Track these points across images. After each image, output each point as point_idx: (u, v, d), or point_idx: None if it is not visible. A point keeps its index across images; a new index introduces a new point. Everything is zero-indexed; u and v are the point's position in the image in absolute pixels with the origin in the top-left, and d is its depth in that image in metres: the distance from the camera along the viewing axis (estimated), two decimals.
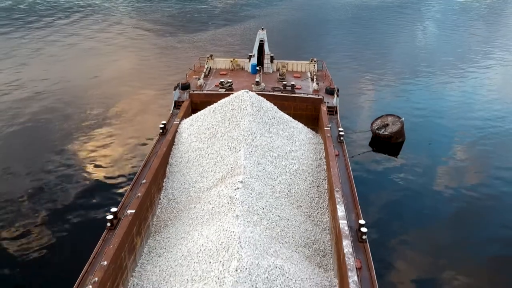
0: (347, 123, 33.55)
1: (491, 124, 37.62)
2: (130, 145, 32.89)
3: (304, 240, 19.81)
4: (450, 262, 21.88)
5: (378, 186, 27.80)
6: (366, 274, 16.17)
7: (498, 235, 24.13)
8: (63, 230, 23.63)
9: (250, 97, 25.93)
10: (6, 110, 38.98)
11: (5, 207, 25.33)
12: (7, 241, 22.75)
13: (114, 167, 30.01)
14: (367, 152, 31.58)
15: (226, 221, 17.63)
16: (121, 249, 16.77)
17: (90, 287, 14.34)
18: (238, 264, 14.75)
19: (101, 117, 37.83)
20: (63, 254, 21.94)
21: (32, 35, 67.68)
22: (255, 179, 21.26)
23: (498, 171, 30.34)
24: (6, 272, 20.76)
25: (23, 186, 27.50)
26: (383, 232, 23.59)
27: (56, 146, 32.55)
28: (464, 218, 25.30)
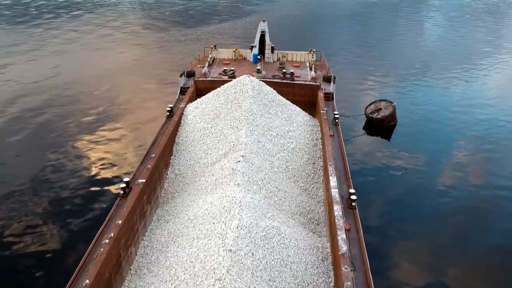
0: (343, 108, 34.93)
1: (482, 112, 38.79)
2: (139, 128, 34.58)
3: (300, 209, 21.25)
4: (428, 226, 23.48)
5: (370, 165, 29.35)
6: (354, 235, 17.61)
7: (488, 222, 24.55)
8: (78, 201, 25.26)
9: (251, 81, 27.39)
10: (16, 101, 40.30)
11: (31, 181, 26.88)
12: (35, 209, 24.28)
13: (124, 147, 31.68)
14: (361, 135, 33.12)
15: (228, 189, 19.11)
16: (133, 212, 18.28)
17: (106, 241, 15.85)
18: (239, 223, 16.20)
19: (111, 104, 39.40)
20: (80, 219, 23.64)
21: (37, 29, 69.11)
22: (255, 154, 22.72)
23: (492, 157, 31.32)
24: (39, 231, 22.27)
25: (44, 158, 29.43)
26: (373, 202, 25.31)
27: (70, 128, 34.21)
28: (444, 189, 26.76)
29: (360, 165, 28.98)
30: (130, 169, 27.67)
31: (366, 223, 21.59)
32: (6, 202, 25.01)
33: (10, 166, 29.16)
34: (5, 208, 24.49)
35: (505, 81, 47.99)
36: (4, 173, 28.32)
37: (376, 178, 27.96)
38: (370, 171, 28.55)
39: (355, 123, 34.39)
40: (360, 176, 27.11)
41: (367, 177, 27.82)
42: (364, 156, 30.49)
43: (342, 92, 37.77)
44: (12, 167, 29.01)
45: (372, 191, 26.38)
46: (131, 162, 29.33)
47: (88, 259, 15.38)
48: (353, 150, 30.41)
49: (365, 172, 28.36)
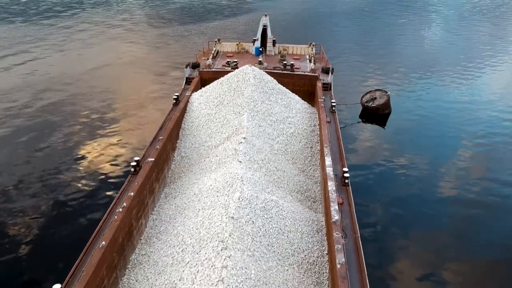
0: (340, 97, 36.14)
1: (479, 107, 39.46)
2: (146, 115, 35.98)
3: (297, 188, 22.51)
4: (419, 206, 24.77)
5: (365, 149, 30.97)
6: (346, 208, 18.90)
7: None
8: (91, 181, 26.79)
9: (253, 70, 28.66)
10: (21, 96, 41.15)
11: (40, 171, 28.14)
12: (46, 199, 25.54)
13: (132, 132, 33.24)
14: (357, 122, 34.45)
15: (231, 166, 20.41)
16: (143, 187, 19.60)
17: (120, 209, 17.18)
18: (240, 195, 17.49)
19: (119, 94, 40.81)
20: (93, 195, 25.32)
21: (43, 24, 70.47)
22: (256, 137, 24.00)
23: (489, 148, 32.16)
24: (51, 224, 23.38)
25: (55, 151, 30.40)
26: (366, 181, 26.96)
27: (83, 112, 35.54)
28: (435, 177, 27.99)
29: (355, 149, 30.47)
30: (140, 152, 29.09)
31: (359, 200, 22.87)
32: (32, 176, 26.84)
33: (30, 146, 30.69)
34: (35, 179, 26.38)
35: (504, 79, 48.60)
36: (27, 150, 30.05)
37: (370, 161, 29.52)
38: (365, 155, 30.10)
39: (352, 111, 35.70)
40: (354, 158, 28.76)
41: (361, 160, 29.47)
42: (359, 141, 31.93)
43: (340, 83, 39.05)
44: (32, 148, 30.51)
45: (365, 172, 27.84)
46: (141, 146, 30.71)
47: (103, 225, 16.73)
48: (349, 136, 31.82)
49: (360, 155, 29.88)
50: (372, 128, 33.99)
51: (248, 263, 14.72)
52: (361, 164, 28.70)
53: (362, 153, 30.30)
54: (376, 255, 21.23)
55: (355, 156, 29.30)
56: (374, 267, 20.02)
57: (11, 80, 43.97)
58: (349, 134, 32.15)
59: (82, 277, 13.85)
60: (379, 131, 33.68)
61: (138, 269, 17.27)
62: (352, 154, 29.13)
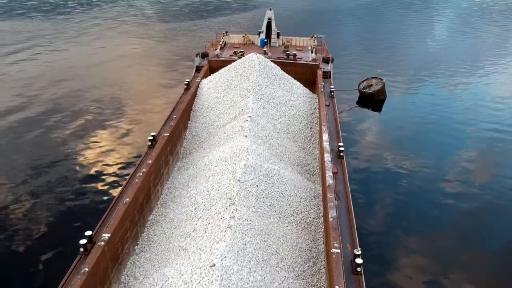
0: (339, 84, 37.80)
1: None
2: (158, 100, 38.11)
3: (297, 162, 24.32)
4: (417, 187, 26.50)
5: (361, 131, 33.10)
6: (340, 176, 20.73)
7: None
8: (113, 151, 28.90)
9: (258, 58, 30.49)
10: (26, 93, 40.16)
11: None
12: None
13: (148, 115, 35.42)
14: (354, 107, 36.33)
15: (238, 140, 22.26)
16: (159, 157, 21.52)
17: (140, 174, 19.12)
18: (246, 163, 19.34)
19: (132, 82, 42.88)
20: (113, 168, 27.36)
21: (50, 20, 72.49)
22: (260, 117, 25.81)
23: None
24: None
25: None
26: (361, 157, 29.08)
27: (105, 101, 37.53)
28: (431, 166, 29.69)
29: (352, 129, 32.77)
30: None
31: (353, 172, 24.84)
32: (43, 166, 27.51)
33: (39, 137, 31.45)
34: (49, 169, 27.18)
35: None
36: (38, 140, 30.86)
37: (365, 140, 31.87)
38: (360, 135, 32.55)
39: (349, 97, 37.58)
40: (350, 137, 31.14)
41: (357, 139, 31.76)
42: (356, 123, 34.17)
43: (339, 72, 40.95)
44: (44, 136, 31.60)
45: (361, 149, 30.21)
46: (157, 126, 32.65)
47: (127, 186, 18.69)
48: (346, 118, 33.81)
49: (356, 135, 32.35)
50: (368, 113, 35.95)
51: (252, 217, 16.61)
52: (356, 142, 30.94)
53: (358, 133, 32.40)
54: (369, 220, 23.06)
55: (351, 135, 31.43)
56: (366, 233, 21.89)
57: (30, 70, 45.95)
58: (346, 117, 34.10)
59: (109, 226, 15.81)
60: (374, 115, 35.68)
61: (156, 226, 19.21)
62: (348, 133, 31.18)
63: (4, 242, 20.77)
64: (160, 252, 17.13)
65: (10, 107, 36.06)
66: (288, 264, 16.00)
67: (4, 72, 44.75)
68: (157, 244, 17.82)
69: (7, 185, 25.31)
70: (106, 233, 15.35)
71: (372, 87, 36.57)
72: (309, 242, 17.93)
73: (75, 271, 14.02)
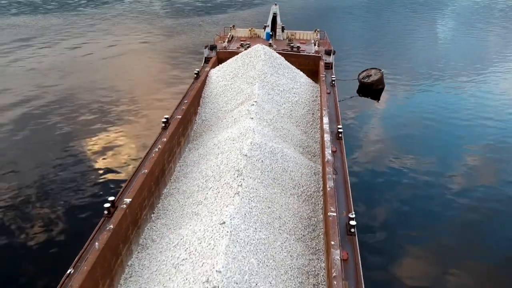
0: (340, 75, 39.24)
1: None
2: (169, 89, 39.71)
3: (300, 143, 25.74)
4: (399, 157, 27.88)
5: (359, 117, 34.51)
6: (339, 154, 22.16)
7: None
8: (129, 131, 30.55)
9: (263, 48, 31.94)
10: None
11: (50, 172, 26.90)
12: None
13: (160, 103, 36.91)
14: (354, 96, 37.73)
15: (245, 122, 23.74)
16: (173, 136, 23.05)
17: (156, 150, 20.67)
18: (252, 141, 20.82)
19: (143, 73, 44.46)
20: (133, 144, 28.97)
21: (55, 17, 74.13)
22: (265, 102, 27.25)
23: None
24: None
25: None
26: (358, 139, 30.88)
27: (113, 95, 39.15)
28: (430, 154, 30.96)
29: (351, 116, 34.10)
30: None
31: (351, 152, 26.44)
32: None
33: (43, 139, 30.69)
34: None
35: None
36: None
37: (363, 126, 33.34)
38: (359, 121, 33.96)
39: (350, 87, 38.99)
40: (349, 122, 32.75)
41: (355, 124, 33.31)
42: (355, 110, 35.60)
43: (341, 63, 42.35)
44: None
45: (359, 131, 32.09)
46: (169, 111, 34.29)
47: (144, 160, 20.29)
48: (346, 106, 35.23)
49: (355, 120, 33.77)
50: (367, 101, 37.34)
51: (258, 187, 18.12)
52: (355, 127, 32.46)
53: (357, 119, 33.91)
54: (365, 198, 24.49)
55: (350, 120, 32.91)
56: (363, 213, 23.33)
57: (39, 64, 47.57)
58: (346, 105, 35.56)
59: (130, 192, 17.37)
60: (373, 104, 37.06)
61: (170, 198, 20.75)
62: (347, 119, 32.67)
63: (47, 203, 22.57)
64: (174, 218, 18.69)
65: (29, 96, 37.73)
66: (290, 228, 17.50)
67: (18, 65, 46.49)
68: (171, 212, 19.38)
69: (48, 158, 27.28)
70: (127, 198, 16.91)
71: (371, 77, 37.93)
72: (309, 212, 19.41)
73: (100, 230, 15.59)
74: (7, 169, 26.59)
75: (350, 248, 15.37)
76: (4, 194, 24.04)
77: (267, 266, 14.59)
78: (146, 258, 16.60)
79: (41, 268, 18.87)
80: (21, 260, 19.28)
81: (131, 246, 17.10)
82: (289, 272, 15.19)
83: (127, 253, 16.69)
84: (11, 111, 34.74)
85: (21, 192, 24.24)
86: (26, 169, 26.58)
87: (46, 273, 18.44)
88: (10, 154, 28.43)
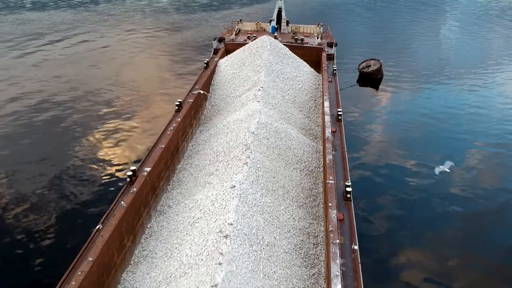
0: (341, 65, 40.70)
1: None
2: (179, 79, 41.49)
3: (302, 126, 27.23)
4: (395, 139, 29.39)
5: (359, 105, 36.03)
6: (338, 134, 23.69)
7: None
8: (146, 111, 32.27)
9: (269, 39, 33.47)
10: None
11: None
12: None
13: (171, 89, 38.76)
14: (354, 85, 39.28)
15: (252, 105, 25.31)
16: (186, 118, 24.68)
17: (171, 128, 22.31)
18: (258, 120, 22.41)
19: (154, 63, 46.13)
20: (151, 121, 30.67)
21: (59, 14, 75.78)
22: (271, 88, 28.79)
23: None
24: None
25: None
26: (356, 121, 32.84)
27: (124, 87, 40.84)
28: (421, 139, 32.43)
29: (351, 102, 35.69)
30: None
31: (349, 133, 28.10)
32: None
33: (51, 134, 31.02)
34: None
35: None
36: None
37: (362, 111, 35.19)
38: (358, 107, 35.66)
39: (350, 77, 40.55)
40: (349, 107, 34.34)
41: (355, 110, 35.09)
42: (355, 98, 37.28)
43: (342, 55, 43.76)
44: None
45: (356, 113, 34.12)
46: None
47: (162, 135, 21.92)
48: (347, 94, 36.75)
49: (354, 107, 35.48)
50: (366, 90, 39.05)
51: (263, 160, 19.72)
52: (354, 112, 34.20)
53: (356, 105, 35.49)
54: (362, 176, 26.06)
55: (349, 106, 34.53)
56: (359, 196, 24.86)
57: (47, 62, 49.25)
58: (346, 93, 37.05)
59: (149, 162, 19.05)
60: (372, 92, 38.65)
61: (184, 171, 22.41)
62: (347, 105, 34.20)
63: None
64: (189, 187, 20.36)
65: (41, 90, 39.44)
66: (292, 196, 19.11)
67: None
68: (185, 183, 21.04)
69: (53, 153, 28.75)
70: (147, 167, 18.58)
71: (370, 67, 39.42)
72: (310, 184, 20.99)
73: (124, 193, 17.25)
74: (49, 142, 29.17)
75: (346, 211, 16.94)
76: (48, 161, 26.55)
77: (272, 224, 16.22)
78: (164, 221, 18.28)
79: (76, 220, 21.52)
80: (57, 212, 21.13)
81: (150, 211, 18.78)
82: (291, 231, 16.81)
83: (147, 216, 18.37)
84: (33, 99, 36.62)
85: (59, 160, 26.91)
86: (63, 142, 29.40)
87: (78, 229, 20.67)
88: (48, 132, 30.89)
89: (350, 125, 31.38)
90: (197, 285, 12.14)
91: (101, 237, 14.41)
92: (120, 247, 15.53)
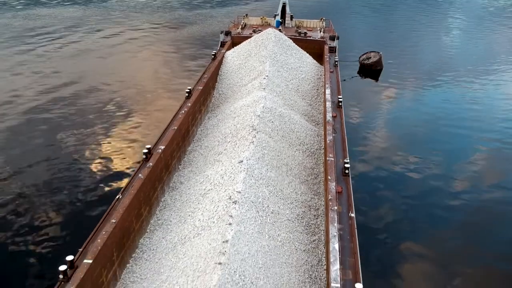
0: (342, 57, 41.81)
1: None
2: (186, 68, 42.95)
3: (305, 113, 28.43)
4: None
5: (358, 94, 37.48)
6: (338, 119, 24.91)
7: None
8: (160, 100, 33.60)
9: (274, 31, 34.71)
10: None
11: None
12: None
13: (180, 76, 40.36)
14: (355, 76, 40.47)
15: (257, 92, 26.55)
16: (195, 104, 25.96)
17: (182, 112, 23.61)
18: (264, 105, 23.64)
19: (164, 56, 47.40)
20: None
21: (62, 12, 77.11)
22: (275, 77, 29.98)
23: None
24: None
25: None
26: (355, 108, 34.23)
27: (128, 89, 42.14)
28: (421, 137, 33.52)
29: (352, 92, 37.01)
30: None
31: (349, 117, 29.48)
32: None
33: (56, 132, 30.87)
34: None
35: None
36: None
37: (362, 99, 36.65)
38: (358, 96, 37.18)
39: (351, 68, 41.75)
40: (349, 96, 35.45)
41: (355, 98, 36.49)
42: (355, 88, 38.74)
43: (344, 48, 44.83)
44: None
45: (356, 102, 35.57)
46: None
47: (175, 116, 23.22)
48: (348, 85, 38.03)
49: (355, 97, 36.88)
50: (367, 80, 40.27)
51: (268, 140, 20.98)
52: (354, 100, 35.65)
53: (357, 95, 36.94)
54: (361, 157, 27.28)
55: (350, 95, 35.73)
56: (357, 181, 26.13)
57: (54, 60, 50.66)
58: (347, 84, 38.36)
59: (163, 141, 20.38)
60: (372, 83, 39.91)
61: (194, 153, 23.70)
62: (347, 94, 35.17)
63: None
64: (199, 166, 21.68)
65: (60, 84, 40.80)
66: (295, 173, 20.37)
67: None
68: (196, 162, 22.37)
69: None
70: (161, 145, 19.92)
71: (370, 59, 40.54)
72: (312, 164, 22.24)
73: (141, 168, 18.55)
74: (59, 137, 29.93)
75: (345, 186, 18.20)
76: (61, 153, 27.68)
77: (276, 196, 17.50)
78: (177, 194, 19.60)
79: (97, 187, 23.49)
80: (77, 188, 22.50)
81: (164, 186, 20.10)
82: (294, 203, 18.08)
83: (161, 191, 19.70)
84: (66, 88, 38.17)
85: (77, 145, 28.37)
86: (76, 132, 30.51)
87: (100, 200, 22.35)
88: (58, 127, 31.58)
89: (350, 112, 32.60)
90: (209, 242, 13.45)
91: (122, 203, 15.74)
92: (138, 215, 16.87)
